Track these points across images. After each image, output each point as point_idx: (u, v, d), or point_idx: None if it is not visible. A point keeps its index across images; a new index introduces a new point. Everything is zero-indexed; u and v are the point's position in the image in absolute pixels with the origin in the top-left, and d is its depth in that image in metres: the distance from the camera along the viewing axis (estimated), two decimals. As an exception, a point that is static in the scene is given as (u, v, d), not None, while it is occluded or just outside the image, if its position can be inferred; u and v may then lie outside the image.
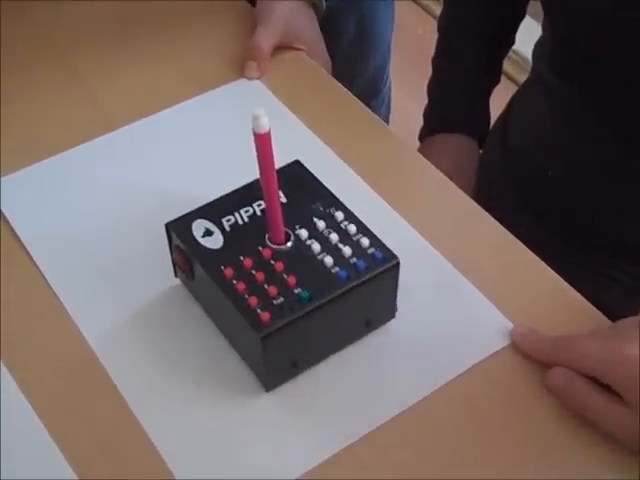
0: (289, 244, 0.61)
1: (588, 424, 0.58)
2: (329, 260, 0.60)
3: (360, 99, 0.84)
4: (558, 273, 0.69)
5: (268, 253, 0.60)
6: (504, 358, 0.63)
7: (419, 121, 1.02)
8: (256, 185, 0.60)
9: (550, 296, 0.67)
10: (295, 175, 0.65)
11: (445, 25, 1.00)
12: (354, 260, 0.60)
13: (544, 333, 0.62)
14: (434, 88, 1.01)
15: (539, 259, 0.70)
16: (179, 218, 0.63)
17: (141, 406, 0.61)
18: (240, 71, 0.84)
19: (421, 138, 1.00)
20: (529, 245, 0.71)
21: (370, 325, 0.64)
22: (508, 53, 1.01)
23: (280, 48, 0.86)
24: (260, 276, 0.59)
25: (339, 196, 0.64)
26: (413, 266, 0.69)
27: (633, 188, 0.81)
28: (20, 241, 0.70)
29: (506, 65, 1.02)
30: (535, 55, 0.90)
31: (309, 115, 0.80)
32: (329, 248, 0.60)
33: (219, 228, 0.62)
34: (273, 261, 0.60)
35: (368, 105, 0.84)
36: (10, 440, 0.59)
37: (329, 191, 0.64)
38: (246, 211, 0.63)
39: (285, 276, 0.59)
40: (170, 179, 0.75)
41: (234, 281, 0.59)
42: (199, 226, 0.62)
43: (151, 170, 0.76)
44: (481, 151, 0.99)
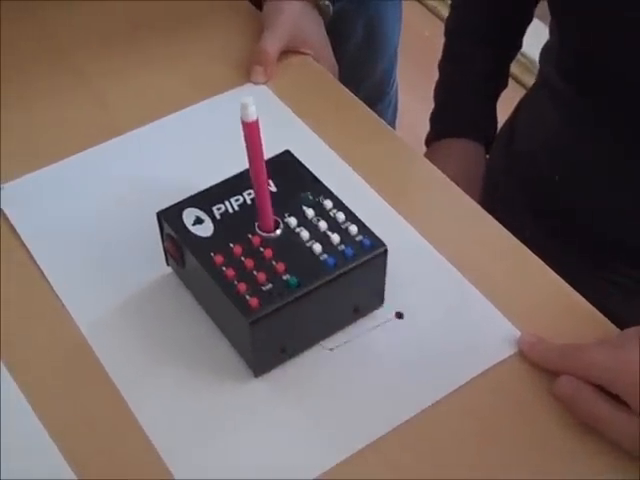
0: (278, 232, 0.62)
1: (595, 432, 0.58)
2: (317, 247, 0.61)
3: (367, 102, 0.84)
4: (562, 277, 0.69)
5: (257, 240, 0.61)
6: (511, 366, 0.62)
7: (425, 124, 1.02)
8: (247, 174, 0.61)
9: (555, 301, 0.67)
10: (285, 165, 0.67)
11: (452, 29, 0.99)
12: (342, 247, 0.61)
13: (551, 341, 0.62)
14: (441, 92, 1.01)
15: (544, 264, 0.69)
16: (170, 207, 0.64)
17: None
18: (247, 76, 0.84)
19: (427, 143, 1.00)
20: (534, 249, 0.70)
21: (358, 312, 0.65)
22: (516, 56, 1.00)
23: (287, 52, 0.86)
24: (249, 263, 0.60)
25: (344, 200, 0.64)
26: (417, 270, 0.69)
27: (638, 190, 0.80)
28: (21, 242, 0.71)
29: (513, 68, 1.01)
30: (542, 59, 0.90)
31: (315, 120, 0.80)
32: (318, 236, 0.61)
33: (209, 216, 0.63)
34: (262, 248, 0.61)
35: (374, 108, 0.84)
36: (8, 439, 0.59)
37: (319, 180, 0.65)
38: (236, 200, 0.64)
39: (274, 263, 0.60)
40: (176, 182, 0.75)
41: (223, 268, 0.60)
42: (190, 214, 0.63)
43: (158, 174, 0.76)
44: (487, 156, 0.99)
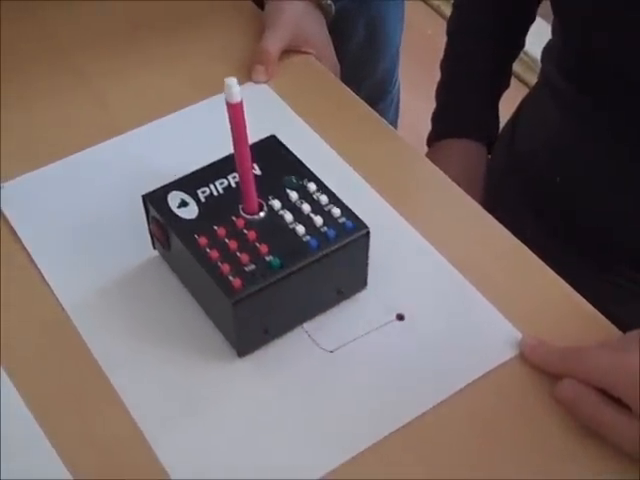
0: (262, 214, 0.63)
1: (596, 435, 0.58)
2: (301, 229, 0.61)
3: (369, 101, 0.83)
4: (563, 278, 0.68)
5: (241, 223, 0.62)
6: (512, 369, 0.62)
7: (427, 123, 1.02)
8: (232, 158, 0.61)
9: (557, 303, 0.67)
10: (270, 149, 0.67)
11: (454, 29, 0.99)
12: (325, 229, 0.61)
13: (553, 344, 0.62)
14: (442, 92, 1.01)
15: (545, 265, 0.69)
16: (155, 190, 0.65)
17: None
18: (248, 75, 0.84)
19: (429, 143, 0.99)
20: (535, 250, 0.70)
21: (342, 294, 0.65)
22: (518, 56, 1.00)
23: (288, 52, 0.86)
24: (233, 244, 0.61)
25: (345, 201, 0.64)
26: (418, 271, 0.69)
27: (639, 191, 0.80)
28: (20, 241, 0.70)
29: (516, 66, 1.01)
30: (544, 58, 0.89)
31: (316, 119, 0.80)
32: (301, 218, 0.62)
33: (194, 199, 0.64)
34: (246, 230, 0.61)
35: (376, 107, 0.84)
36: (4, 439, 0.59)
37: (303, 164, 0.66)
38: (221, 183, 0.65)
39: (257, 244, 0.61)
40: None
41: (207, 249, 0.60)
42: (175, 197, 0.64)
43: (158, 174, 0.76)
44: (489, 156, 0.98)
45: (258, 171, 0.65)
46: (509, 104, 1.01)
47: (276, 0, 0.87)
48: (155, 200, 0.64)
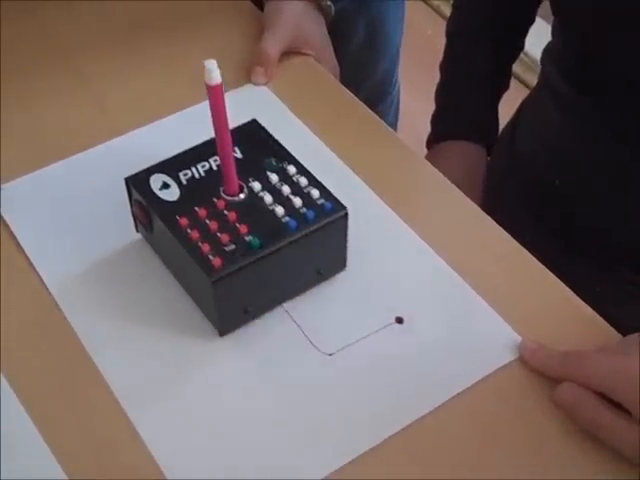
0: (242, 196, 0.64)
1: (596, 440, 0.58)
2: (280, 210, 0.63)
3: (368, 103, 0.83)
4: (563, 281, 0.68)
5: (222, 204, 0.63)
6: (511, 372, 0.62)
7: (427, 125, 1.02)
8: (214, 142, 0.62)
9: (556, 306, 0.67)
10: (252, 133, 0.69)
11: (453, 30, 0.99)
12: (304, 210, 0.63)
13: (553, 348, 0.62)
14: (442, 94, 1.00)
15: (545, 268, 0.69)
16: (138, 173, 0.66)
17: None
18: (247, 76, 0.84)
19: (428, 145, 0.99)
20: (534, 252, 0.70)
21: (321, 275, 0.66)
22: (518, 57, 1.00)
23: (288, 53, 0.86)
24: (213, 225, 0.62)
25: (344, 202, 0.64)
26: (417, 273, 0.69)
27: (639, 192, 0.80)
28: (20, 246, 0.70)
29: (516, 67, 1.01)
30: (544, 59, 0.89)
31: (316, 121, 0.80)
32: (280, 199, 0.63)
33: (176, 181, 0.65)
34: (226, 211, 0.63)
35: (376, 109, 0.84)
36: (5, 442, 0.59)
37: (283, 147, 0.67)
38: (202, 166, 0.66)
39: (237, 225, 0.62)
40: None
41: (188, 230, 0.62)
42: (157, 180, 0.65)
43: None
44: (489, 158, 0.98)
45: (239, 154, 0.66)
46: (509, 105, 1.01)
47: (275, 1, 0.87)
48: (137, 183, 0.65)
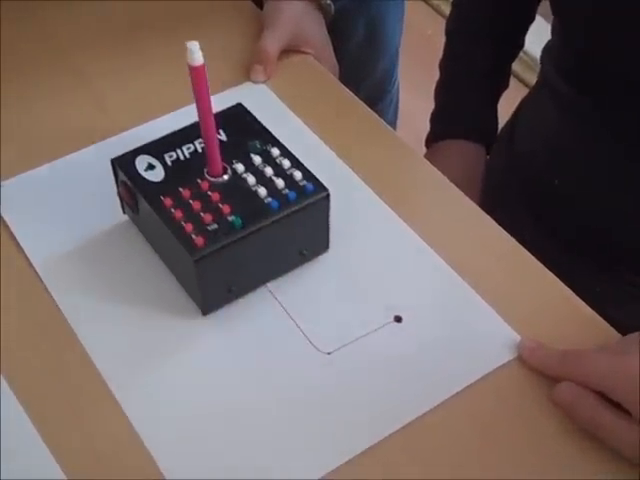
0: (226, 177, 0.65)
1: (594, 439, 0.58)
2: (262, 191, 0.64)
3: (368, 101, 0.83)
4: (562, 280, 0.68)
5: (206, 185, 0.64)
6: (510, 371, 0.62)
7: (426, 123, 1.01)
8: (199, 125, 0.63)
9: (555, 305, 0.67)
10: (237, 116, 0.70)
11: (453, 28, 0.99)
12: (286, 191, 0.64)
13: (552, 347, 0.62)
14: (441, 92, 1.00)
15: (544, 267, 0.69)
16: (124, 154, 0.67)
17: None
18: (246, 74, 0.84)
19: (427, 144, 0.99)
20: (533, 251, 0.70)
21: (304, 256, 0.67)
22: (517, 56, 0.99)
23: (287, 52, 0.85)
24: (197, 205, 0.63)
25: (343, 200, 0.65)
26: (416, 272, 0.69)
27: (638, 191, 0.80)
28: (19, 244, 0.70)
29: (515, 66, 1.01)
30: (543, 58, 0.89)
31: (315, 119, 0.80)
32: (263, 181, 0.65)
33: (161, 163, 0.66)
34: (210, 192, 0.64)
35: (376, 107, 0.83)
36: (5, 443, 0.59)
37: (267, 130, 0.68)
38: (188, 148, 0.67)
39: (220, 205, 0.63)
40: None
41: (172, 210, 0.63)
42: (142, 161, 0.66)
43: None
44: (488, 156, 0.98)
45: (224, 137, 0.67)
46: (508, 104, 1.01)
47: (275, 0, 0.86)
48: (123, 164, 0.66)
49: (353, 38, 1.08)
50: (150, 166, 0.66)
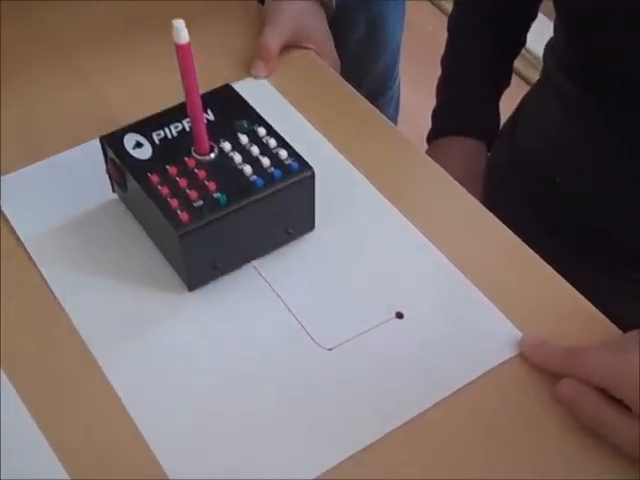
0: (212, 155, 0.66)
1: (596, 435, 0.58)
2: (248, 169, 0.65)
3: (369, 97, 0.83)
4: (564, 277, 0.68)
5: (192, 162, 0.65)
6: (512, 368, 0.62)
7: (427, 119, 1.01)
8: None
9: (557, 302, 0.67)
10: (225, 97, 0.71)
11: (455, 25, 0.98)
12: (271, 170, 0.65)
13: (554, 343, 0.62)
14: (443, 88, 1.00)
15: (546, 264, 0.69)
16: (112, 132, 0.68)
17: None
18: (247, 70, 0.84)
19: (429, 141, 0.99)
20: (535, 248, 0.70)
21: (290, 234, 0.68)
22: (519, 53, 0.99)
23: (288, 47, 0.85)
24: (183, 182, 0.64)
25: (344, 196, 0.65)
26: (417, 268, 0.68)
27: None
28: (20, 241, 0.70)
29: (517, 63, 1.00)
30: (546, 56, 0.89)
31: (316, 115, 0.80)
32: (249, 159, 0.65)
33: (149, 141, 0.67)
34: (196, 170, 0.65)
35: (377, 103, 0.83)
36: (5, 441, 0.59)
37: (255, 110, 0.70)
38: (176, 127, 0.68)
39: (206, 183, 0.64)
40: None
41: (159, 186, 0.64)
42: (130, 139, 0.67)
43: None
44: (489, 153, 0.98)
45: (212, 116, 0.68)
46: (510, 101, 1.01)
47: (277, -5, 0.86)
48: (112, 142, 0.67)
49: (354, 34, 1.08)
50: (138, 144, 0.67)
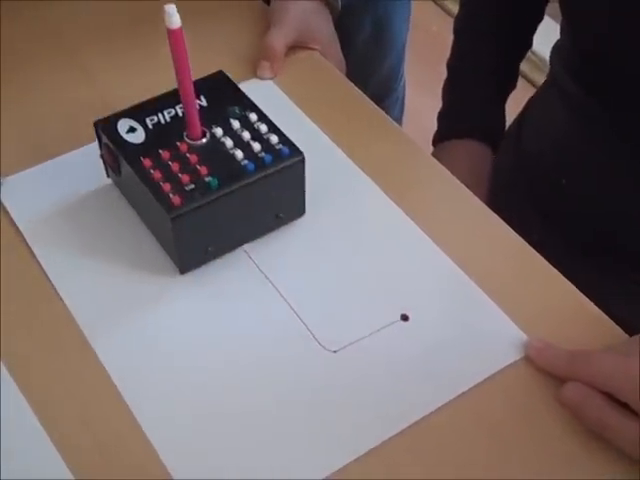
0: (204, 140, 0.67)
1: (601, 439, 0.57)
2: (239, 154, 0.66)
3: (374, 98, 0.83)
4: (570, 280, 0.68)
5: (184, 147, 0.67)
6: (517, 371, 0.62)
7: (433, 121, 1.01)
8: None
9: (563, 305, 0.66)
10: (218, 83, 0.72)
11: (460, 27, 0.98)
12: (262, 154, 0.66)
13: (559, 346, 0.61)
14: (448, 90, 1.00)
15: (551, 266, 0.69)
16: (106, 117, 0.69)
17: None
18: (253, 71, 0.84)
19: (434, 143, 0.99)
20: (541, 251, 0.70)
21: (280, 219, 0.70)
22: (525, 55, 0.99)
23: (294, 48, 0.85)
24: (175, 166, 0.65)
25: (350, 198, 0.66)
26: (422, 271, 0.68)
27: None
28: (20, 235, 0.70)
29: (523, 65, 1.00)
30: (552, 58, 0.89)
31: (321, 116, 0.79)
32: (241, 144, 0.67)
33: (142, 126, 0.68)
34: (189, 154, 0.66)
35: (382, 104, 0.83)
36: (4, 438, 0.59)
37: (247, 97, 0.71)
38: (169, 112, 0.69)
39: (198, 167, 0.65)
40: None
41: (151, 170, 0.65)
42: (124, 124, 0.69)
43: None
44: (495, 156, 0.98)
45: (204, 102, 0.70)
46: (515, 103, 1.01)
47: (282, -4, 0.86)
48: (106, 127, 0.68)
49: (360, 35, 1.08)
50: (131, 129, 0.68)
